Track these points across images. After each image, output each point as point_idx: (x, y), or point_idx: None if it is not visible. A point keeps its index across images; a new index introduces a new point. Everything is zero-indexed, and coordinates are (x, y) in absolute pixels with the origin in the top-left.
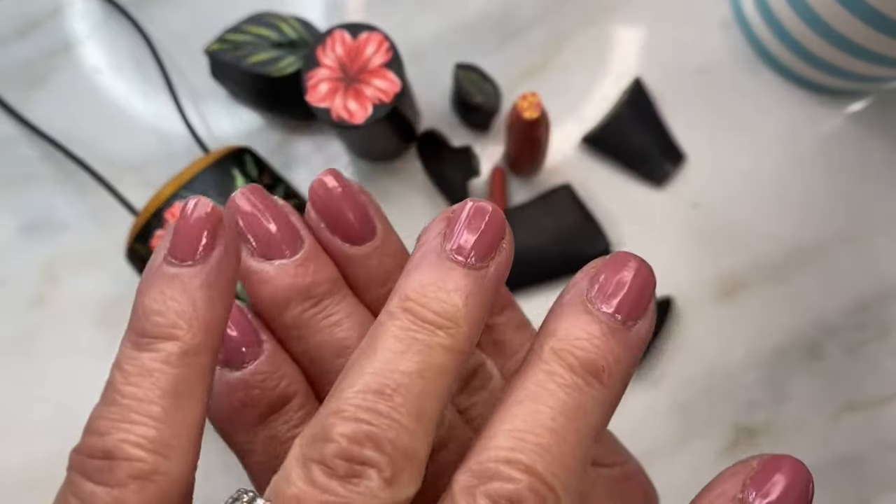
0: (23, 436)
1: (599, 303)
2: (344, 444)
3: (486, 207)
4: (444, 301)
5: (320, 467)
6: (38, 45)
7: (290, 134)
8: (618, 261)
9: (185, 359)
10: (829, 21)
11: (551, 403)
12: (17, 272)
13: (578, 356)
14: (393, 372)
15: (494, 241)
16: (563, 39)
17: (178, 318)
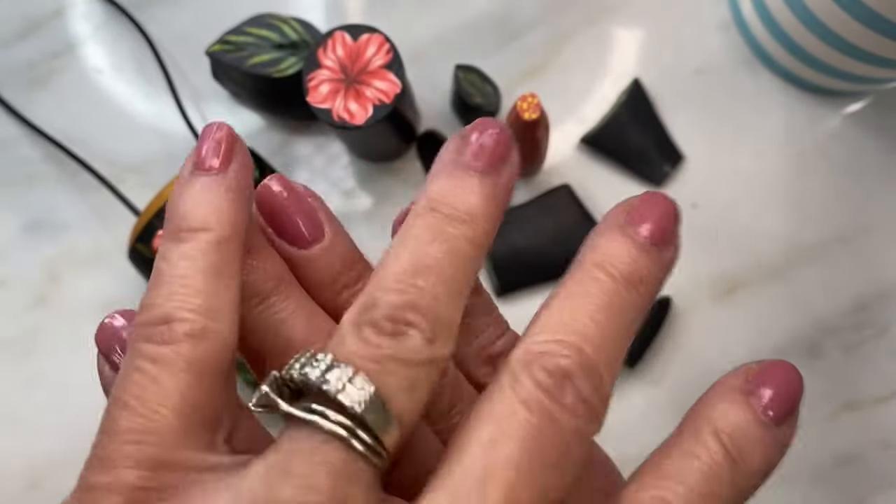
0: (25, 435)
1: (634, 227)
2: (390, 309)
3: (496, 125)
4: (465, 200)
5: (370, 328)
6: (41, 45)
7: (291, 135)
8: (648, 197)
9: (218, 246)
10: (826, 22)
11: (596, 301)
12: (19, 272)
13: (619, 267)
14: (426, 256)
15: (505, 151)
16: (563, 40)
17: (208, 215)
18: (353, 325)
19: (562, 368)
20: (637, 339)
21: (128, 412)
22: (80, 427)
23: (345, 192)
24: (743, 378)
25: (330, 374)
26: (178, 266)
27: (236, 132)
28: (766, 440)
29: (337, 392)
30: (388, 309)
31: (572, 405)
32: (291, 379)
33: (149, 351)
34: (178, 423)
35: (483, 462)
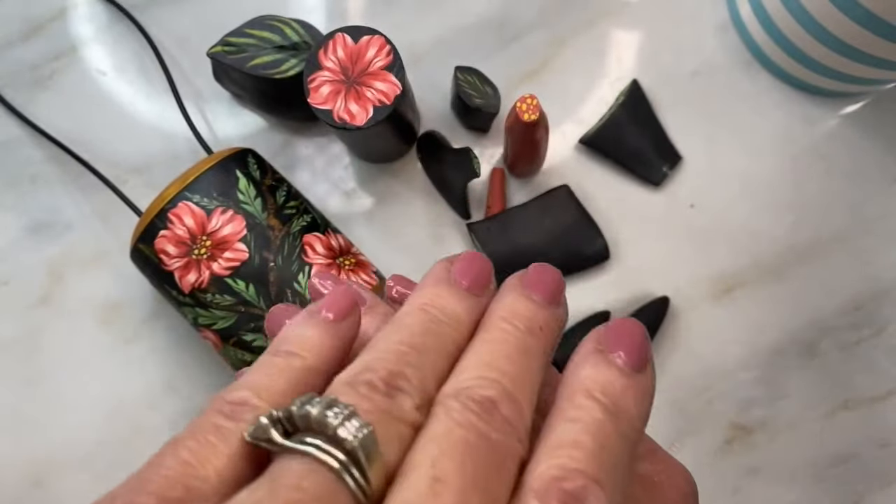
0: (27, 433)
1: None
2: (385, 373)
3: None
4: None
5: (366, 386)
6: (43, 47)
7: (292, 135)
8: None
9: (304, 370)
10: (824, 24)
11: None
12: (23, 272)
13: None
14: (417, 340)
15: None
16: (562, 42)
17: (307, 346)
18: (348, 384)
19: (487, 397)
20: None
21: (178, 456)
22: (81, 426)
23: (345, 192)
24: (595, 341)
25: (330, 410)
26: (269, 371)
27: (357, 296)
28: (633, 386)
29: (336, 426)
30: (384, 372)
31: (500, 424)
32: (290, 416)
33: (219, 421)
34: (215, 481)
35: (432, 473)
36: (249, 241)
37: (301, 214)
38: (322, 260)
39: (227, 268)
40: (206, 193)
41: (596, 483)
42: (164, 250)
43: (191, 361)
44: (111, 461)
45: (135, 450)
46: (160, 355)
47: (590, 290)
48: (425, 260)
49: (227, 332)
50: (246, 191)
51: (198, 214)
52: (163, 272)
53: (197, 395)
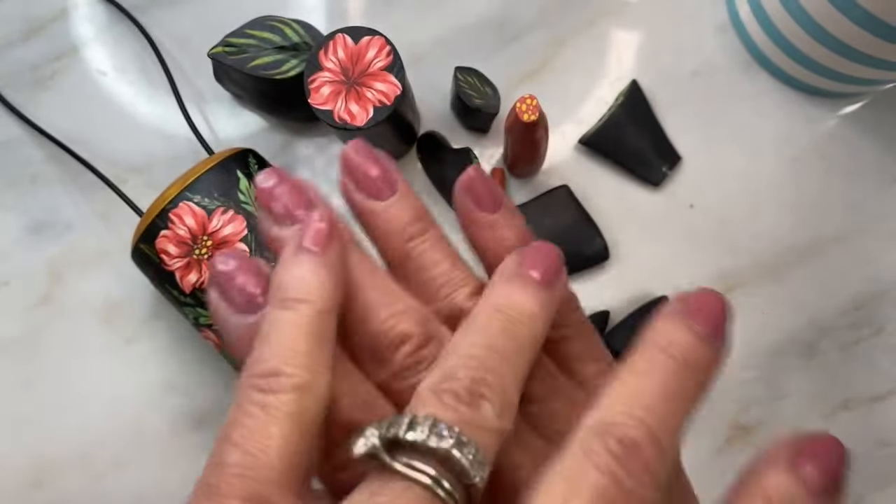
0: (27, 434)
1: (694, 321)
2: (468, 381)
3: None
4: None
5: (450, 395)
6: (44, 47)
7: (292, 136)
8: (703, 295)
9: (317, 316)
10: (823, 24)
11: (661, 380)
12: (23, 272)
13: (681, 352)
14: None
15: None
16: (561, 43)
17: (311, 289)
18: (433, 392)
19: (631, 438)
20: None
21: (235, 449)
22: (82, 426)
23: None
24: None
25: (435, 436)
26: (285, 329)
27: (336, 216)
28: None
29: (425, 440)
30: (467, 381)
31: (639, 472)
32: (396, 440)
33: (258, 398)
34: (280, 465)
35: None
36: (250, 242)
37: None
38: None
39: None
40: (207, 193)
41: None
42: (165, 250)
43: (191, 361)
44: (111, 461)
45: (135, 450)
46: (161, 355)
47: (589, 290)
48: None
49: None
50: (247, 191)
51: (199, 214)
52: (164, 272)
53: (198, 394)
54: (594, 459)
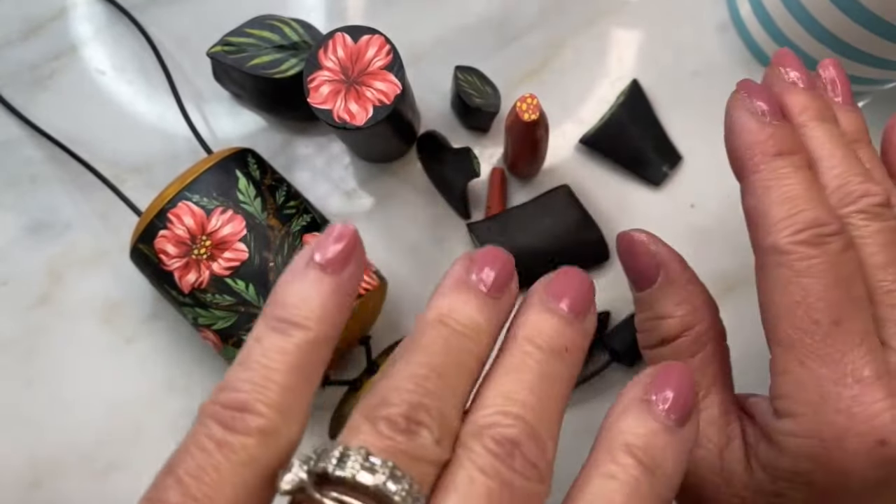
0: (26, 434)
1: (556, 302)
2: (405, 407)
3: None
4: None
5: (385, 423)
6: (43, 47)
7: (292, 135)
8: (564, 272)
9: (313, 346)
10: (824, 24)
11: (531, 374)
12: (22, 272)
13: (546, 340)
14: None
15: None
16: (562, 42)
17: (312, 312)
18: (367, 419)
19: (509, 437)
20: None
21: (180, 489)
22: (80, 426)
23: (346, 192)
24: (642, 388)
25: (367, 472)
26: (270, 355)
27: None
28: (675, 444)
29: (354, 475)
30: (404, 407)
31: (522, 468)
32: (325, 474)
33: (217, 433)
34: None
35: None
36: (249, 241)
37: (301, 214)
38: None
39: (227, 268)
40: (206, 193)
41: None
42: (163, 250)
43: (191, 361)
44: (111, 461)
45: (135, 450)
46: (160, 355)
47: None
48: (425, 260)
49: (227, 332)
50: (246, 190)
51: (197, 214)
52: (162, 272)
53: (197, 394)
54: (478, 463)
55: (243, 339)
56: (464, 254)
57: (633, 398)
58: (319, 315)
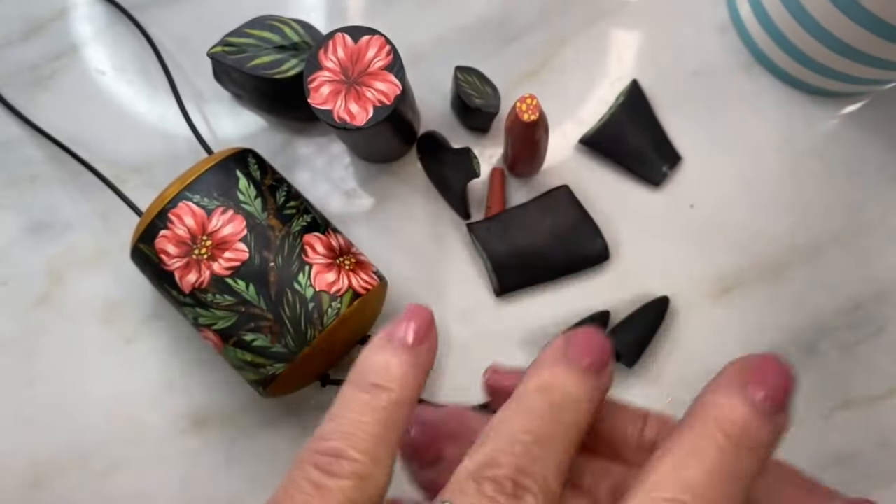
0: (27, 433)
1: (754, 390)
2: (511, 470)
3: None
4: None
5: (491, 484)
6: (44, 47)
7: (292, 135)
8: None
9: (393, 405)
10: (824, 24)
11: (711, 462)
12: (23, 271)
13: (736, 430)
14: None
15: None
16: (562, 42)
17: (395, 377)
18: (474, 480)
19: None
20: (635, 339)
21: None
22: (81, 426)
23: (346, 192)
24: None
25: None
26: (357, 410)
27: (433, 318)
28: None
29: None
30: (511, 471)
31: None
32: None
33: (315, 476)
34: None
35: None
36: (250, 241)
37: (301, 214)
38: (322, 260)
39: (228, 268)
40: (207, 193)
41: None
42: (164, 250)
43: (191, 361)
44: (111, 461)
45: (135, 449)
46: (160, 355)
47: (590, 291)
48: (425, 260)
49: (228, 332)
50: (246, 191)
51: (198, 214)
52: (163, 272)
53: (197, 394)
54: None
55: (243, 339)
56: (559, 335)
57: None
58: (401, 379)
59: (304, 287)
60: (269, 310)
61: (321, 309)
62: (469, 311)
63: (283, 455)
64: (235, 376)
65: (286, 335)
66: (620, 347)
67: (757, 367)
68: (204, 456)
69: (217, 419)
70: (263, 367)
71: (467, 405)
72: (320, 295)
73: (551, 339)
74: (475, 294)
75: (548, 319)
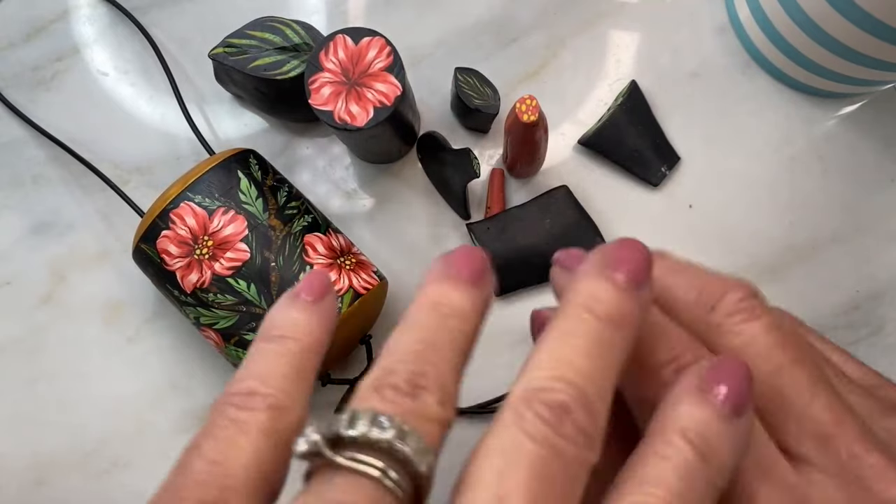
0: (30, 432)
1: (613, 271)
2: (407, 374)
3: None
4: (457, 300)
5: (390, 390)
6: (46, 48)
7: (293, 136)
8: (623, 243)
9: (300, 352)
10: (822, 25)
11: (585, 340)
12: (26, 271)
13: (604, 308)
14: (433, 338)
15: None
16: (561, 43)
17: (297, 328)
18: (374, 389)
19: (560, 402)
20: None
21: (201, 458)
22: (84, 425)
23: (346, 192)
24: (698, 377)
25: (377, 428)
26: (268, 358)
27: (330, 280)
28: (729, 433)
29: (365, 433)
30: (406, 374)
31: (573, 435)
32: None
33: (232, 414)
34: (244, 475)
35: (496, 490)
36: (251, 241)
37: (302, 215)
38: (323, 260)
39: (229, 268)
40: (208, 194)
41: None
42: (165, 250)
43: (193, 361)
44: (114, 460)
45: (137, 449)
46: (162, 355)
47: None
48: (425, 260)
49: (229, 332)
50: (247, 191)
51: (199, 214)
52: (165, 272)
53: (199, 393)
54: (526, 428)
55: (245, 339)
56: (438, 256)
57: (689, 386)
58: (306, 329)
59: None
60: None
61: None
62: None
63: None
64: None
65: None
66: None
67: (615, 251)
68: None
69: None
70: None
71: None
72: None
73: (433, 261)
74: None
75: None
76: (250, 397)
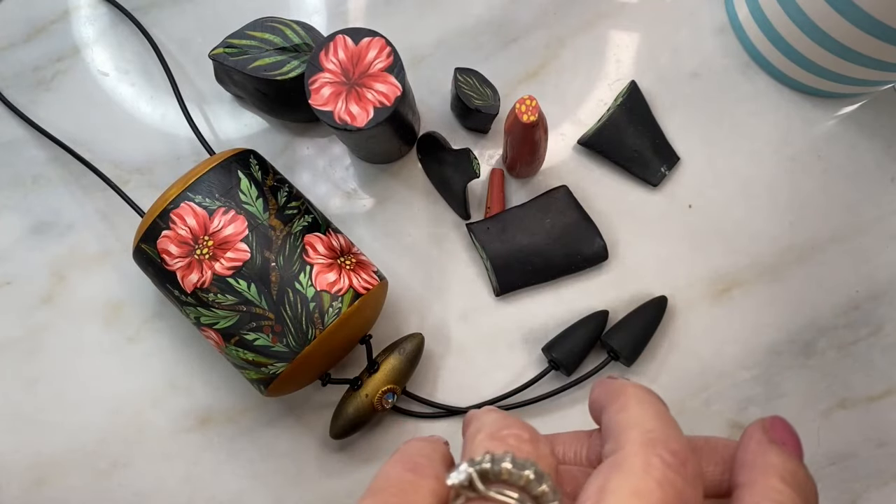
0: (30, 432)
1: None
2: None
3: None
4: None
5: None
6: (46, 49)
7: (293, 136)
8: None
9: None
10: (822, 26)
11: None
12: (26, 271)
13: None
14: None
15: None
16: (561, 44)
17: None
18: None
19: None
20: (633, 338)
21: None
22: (84, 425)
23: (346, 192)
24: (762, 430)
25: (517, 467)
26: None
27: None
28: (808, 476)
29: (510, 469)
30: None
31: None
32: (485, 472)
33: (405, 476)
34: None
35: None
36: (251, 241)
37: (302, 215)
38: (323, 260)
39: (229, 268)
40: (208, 194)
41: None
42: (166, 250)
43: (193, 360)
44: (114, 460)
45: (138, 448)
46: (162, 355)
47: (589, 290)
48: (425, 260)
49: (229, 332)
50: (248, 191)
51: (200, 215)
52: (165, 272)
53: (199, 393)
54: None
55: (245, 338)
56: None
57: (762, 439)
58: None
59: (305, 287)
60: (271, 309)
61: (322, 308)
62: (469, 311)
63: (284, 453)
64: (237, 375)
65: (287, 335)
66: (619, 346)
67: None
68: (206, 454)
69: (219, 418)
70: (265, 366)
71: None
72: (321, 295)
73: None
74: (475, 294)
75: (547, 319)
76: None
